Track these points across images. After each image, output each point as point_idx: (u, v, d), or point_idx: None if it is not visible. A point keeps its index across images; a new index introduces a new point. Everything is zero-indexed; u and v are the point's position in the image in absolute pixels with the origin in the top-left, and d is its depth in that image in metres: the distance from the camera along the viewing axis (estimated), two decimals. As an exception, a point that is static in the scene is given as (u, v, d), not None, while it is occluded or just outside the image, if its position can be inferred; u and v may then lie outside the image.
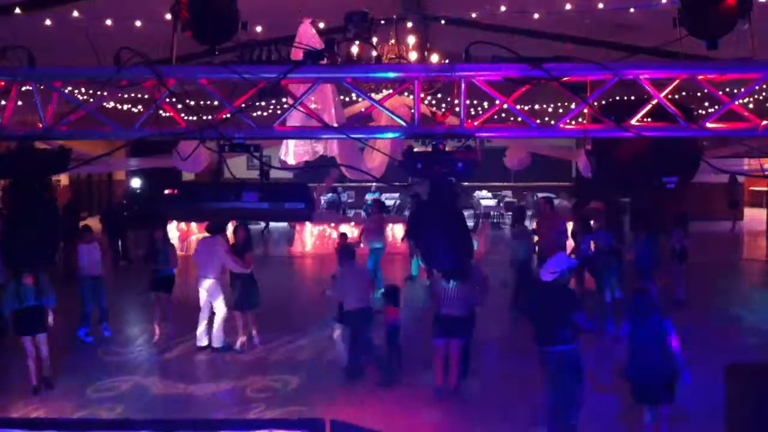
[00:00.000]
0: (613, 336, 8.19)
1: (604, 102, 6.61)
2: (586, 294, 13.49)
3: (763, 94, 15.00)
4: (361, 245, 15.42)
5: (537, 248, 14.40)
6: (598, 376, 9.37)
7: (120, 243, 19.92)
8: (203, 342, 11.87)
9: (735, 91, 6.08)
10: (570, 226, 15.30)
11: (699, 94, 13.11)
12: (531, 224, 16.56)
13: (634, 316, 7.71)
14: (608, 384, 9.31)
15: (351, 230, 20.82)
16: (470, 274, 9.26)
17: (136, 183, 23.34)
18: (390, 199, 26.27)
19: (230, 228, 13.10)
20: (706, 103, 13.62)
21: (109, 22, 10.48)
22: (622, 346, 7.95)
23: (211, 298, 11.82)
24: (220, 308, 11.83)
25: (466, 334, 9.92)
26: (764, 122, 5.79)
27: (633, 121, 5.77)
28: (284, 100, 6.60)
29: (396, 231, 20.39)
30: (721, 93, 6.01)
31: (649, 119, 5.83)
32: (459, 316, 9.69)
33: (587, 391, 8.22)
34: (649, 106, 5.76)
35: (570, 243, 14.99)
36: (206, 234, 12.22)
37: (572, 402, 7.90)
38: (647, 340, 7.54)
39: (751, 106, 13.88)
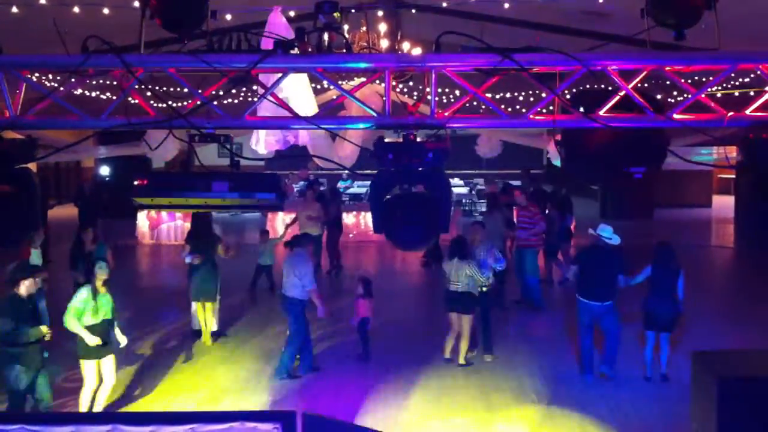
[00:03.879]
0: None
1: (574, 90, 6.66)
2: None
3: (732, 83, 15.19)
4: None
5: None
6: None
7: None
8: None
9: (703, 80, 6.14)
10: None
11: (668, 82, 13.23)
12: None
13: (660, 263, 9.51)
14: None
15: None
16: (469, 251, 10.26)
17: (104, 171, 23.03)
18: (362, 187, 26.26)
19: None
20: (675, 93, 13.77)
21: (76, 9, 10.35)
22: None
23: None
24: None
25: (474, 309, 10.39)
26: (730, 113, 5.87)
27: (601, 112, 5.82)
28: (255, 88, 6.59)
29: (368, 219, 20.47)
30: (687, 82, 6.08)
31: (623, 110, 5.89)
32: (465, 292, 10.17)
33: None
34: (617, 97, 5.81)
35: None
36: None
37: (616, 335, 9.72)
38: (666, 282, 9.44)
39: (719, 95, 14.03)
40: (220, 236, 11.74)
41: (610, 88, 6.08)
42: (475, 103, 7.21)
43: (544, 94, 6.06)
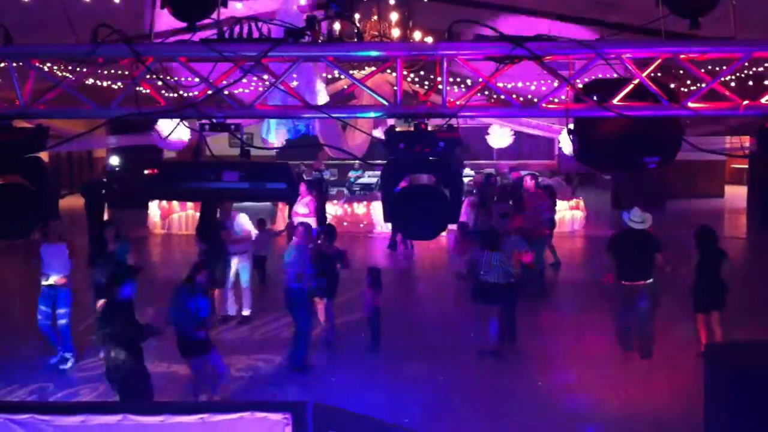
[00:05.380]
0: None
1: (587, 80, 6.59)
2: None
3: (745, 72, 15.04)
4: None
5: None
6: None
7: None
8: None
9: (717, 69, 6.06)
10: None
11: (681, 72, 13.11)
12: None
13: (703, 246, 10.06)
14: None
15: (334, 208, 20.78)
16: (503, 243, 10.50)
17: (114, 161, 23.06)
18: (373, 177, 26.24)
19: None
20: (688, 81, 13.64)
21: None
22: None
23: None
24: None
25: (504, 300, 10.58)
26: (746, 102, 5.80)
27: (615, 101, 5.75)
28: (265, 77, 6.55)
29: (378, 210, 20.46)
30: (703, 72, 6.01)
31: (637, 99, 5.82)
32: (496, 283, 10.37)
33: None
34: (631, 86, 5.75)
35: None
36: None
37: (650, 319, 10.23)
38: (711, 263, 9.97)
39: (732, 84, 13.91)
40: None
41: (622, 77, 6.02)
42: (487, 93, 7.17)
43: (556, 84, 6.00)
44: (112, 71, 15.29)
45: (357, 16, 12.33)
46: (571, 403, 9.01)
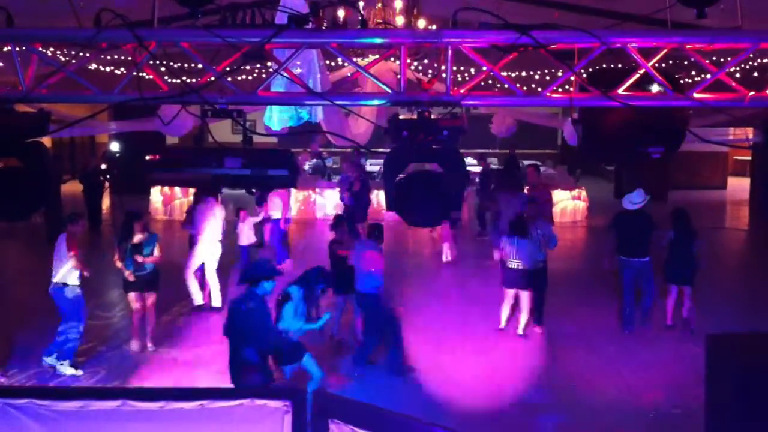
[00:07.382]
0: None
1: (591, 70, 6.55)
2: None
3: (750, 63, 14.99)
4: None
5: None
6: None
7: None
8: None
9: (722, 60, 6.03)
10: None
11: (686, 62, 13.10)
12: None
13: (679, 225, 10.86)
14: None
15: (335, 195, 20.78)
16: (529, 230, 10.78)
17: (116, 146, 22.98)
18: (375, 165, 26.15)
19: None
20: (693, 72, 13.60)
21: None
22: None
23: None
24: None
25: (532, 285, 10.86)
26: (751, 93, 5.76)
27: (620, 91, 5.72)
28: (269, 64, 6.51)
29: (381, 198, 20.38)
30: (708, 62, 5.98)
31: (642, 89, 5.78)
32: (524, 269, 10.71)
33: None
34: (637, 75, 5.71)
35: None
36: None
37: (652, 293, 11.20)
38: (685, 241, 10.78)
39: (738, 75, 13.87)
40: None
41: (627, 66, 5.99)
42: (490, 82, 7.11)
43: (560, 73, 5.96)
44: (115, 56, 15.22)
45: (361, 3, 12.28)
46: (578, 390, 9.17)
